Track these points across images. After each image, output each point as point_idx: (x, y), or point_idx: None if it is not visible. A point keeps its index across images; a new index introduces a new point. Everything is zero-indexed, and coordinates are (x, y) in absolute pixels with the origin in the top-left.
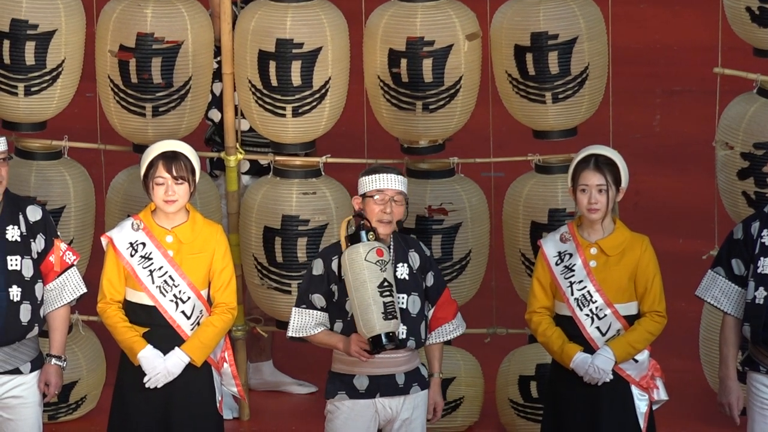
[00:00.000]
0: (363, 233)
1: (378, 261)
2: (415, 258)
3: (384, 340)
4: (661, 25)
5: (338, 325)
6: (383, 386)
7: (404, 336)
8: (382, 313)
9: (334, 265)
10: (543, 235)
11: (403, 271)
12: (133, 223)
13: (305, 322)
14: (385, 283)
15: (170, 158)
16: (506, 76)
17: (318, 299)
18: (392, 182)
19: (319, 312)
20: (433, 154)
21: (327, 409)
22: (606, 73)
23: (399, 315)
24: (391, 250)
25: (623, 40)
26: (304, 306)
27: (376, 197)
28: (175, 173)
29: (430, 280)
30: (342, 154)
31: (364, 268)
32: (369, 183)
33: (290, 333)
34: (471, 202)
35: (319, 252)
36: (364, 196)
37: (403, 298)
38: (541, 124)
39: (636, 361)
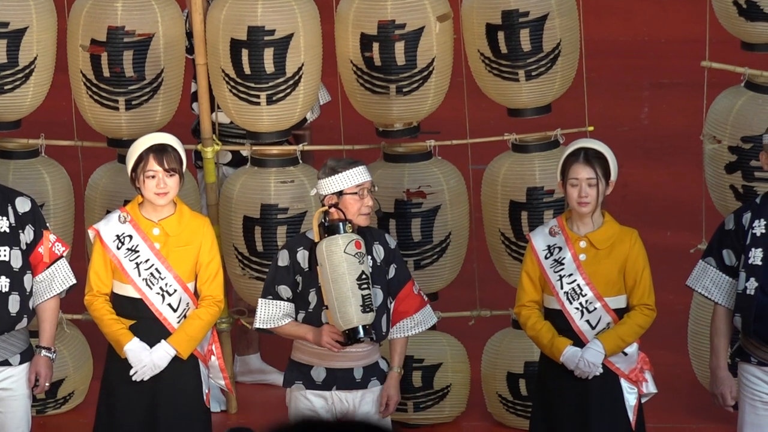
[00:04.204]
0: (341, 225)
1: (357, 253)
2: (379, 250)
3: (361, 332)
4: (649, 18)
5: (301, 316)
6: (340, 379)
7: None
8: (361, 306)
9: (300, 257)
10: (522, 213)
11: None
12: (120, 216)
13: (272, 314)
14: (363, 276)
15: (160, 151)
16: (479, 56)
17: (284, 290)
18: (365, 174)
19: (285, 303)
20: (408, 137)
21: (287, 399)
22: (578, 48)
23: (374, 308)
24: None
25: (611, 33)
26: (270, 297)
27: (356, 192)
28: (166, 165)
29: (391, 272)
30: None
31: (343, 261)
32: (345, 180)
33: (257, 324)
34: (449, 184)
35: (284, 243)
36: (340, 193)
37: None
38: (515, 102)
39: (625, 354)
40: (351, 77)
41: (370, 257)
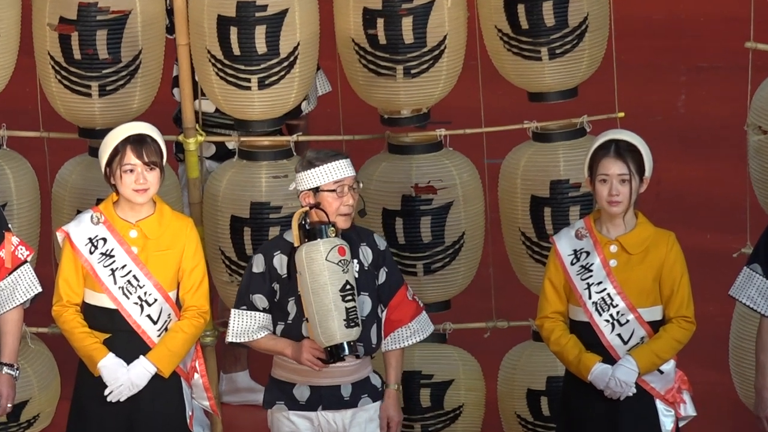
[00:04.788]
0: (323, 228)
1: (340, 261)
2: (367, 253)
3: (345, 349)
4: None
5: (279, 328)
6: (326, 398)
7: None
8: (344, 320)
9: (276, 262)
10: (545, 210)
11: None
12: (92, 216)
13: (246, 326)
14: (348, 287)
15: (138, 142)
16: (496, 32)
17: (260, 300)
18: (347, 169)
19: (261, 314)
20: (417, 125)
21: (268, 421)
22: (607, 24)
23: (360, 321)
24: None
25: (644, 11)
26: (244, 307)
27: (334, 190)
28: (146, 158)
29: (382, 277)
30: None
31: (325, 269)
32: (322, 175)
33: (230, 338)
34: (462, 178)
35: (260, 246)
36: (317, 190)
37: None
38: (537, 84)
39: (661, 372)
40: (352, 58)
41: (356, 261)
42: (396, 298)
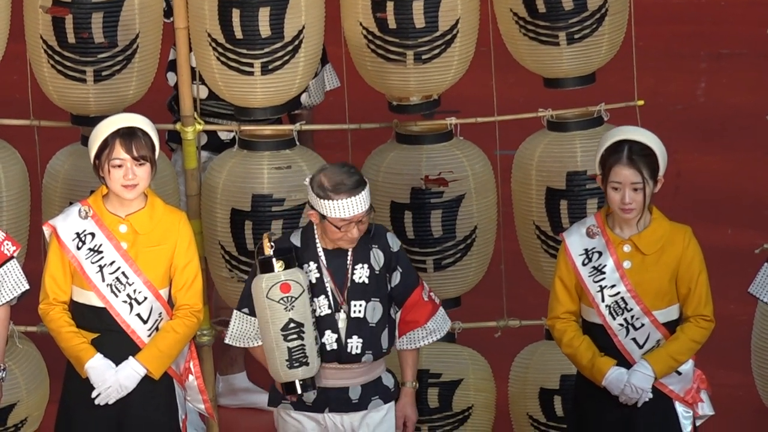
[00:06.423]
0: (271, 261)
1: (282, 299)
2: (378, 256)
3: (298, 388)
4: None
5: None
6: (333, 401)
7: (359, 351)
8: (286, 360)
9: None
10: (561, 203)
11: (362, 274)
12: (80, 210)
13: (245, 331)
14: (291, 325)
15: (128, 135)
16: (511, 16)
17: None
18: (361, 204)
19: None
20: (428, 111)
21: (275, 420)
22: (627, 7)
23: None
24: (349, 252)
25: None
26: (245, 310)
27: (340, 227)
28: (135, 153)
29: (395, 278)
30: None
31: (266, 307)
32: (331, 209)
33: (228, 339)
34: (474, 169)
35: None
36: (324, 217)
37: (360, 305)
38: (554, 70)
39: (679, 373)
40: (360, 43)
41: (367, 266)
42: (411, 299)
